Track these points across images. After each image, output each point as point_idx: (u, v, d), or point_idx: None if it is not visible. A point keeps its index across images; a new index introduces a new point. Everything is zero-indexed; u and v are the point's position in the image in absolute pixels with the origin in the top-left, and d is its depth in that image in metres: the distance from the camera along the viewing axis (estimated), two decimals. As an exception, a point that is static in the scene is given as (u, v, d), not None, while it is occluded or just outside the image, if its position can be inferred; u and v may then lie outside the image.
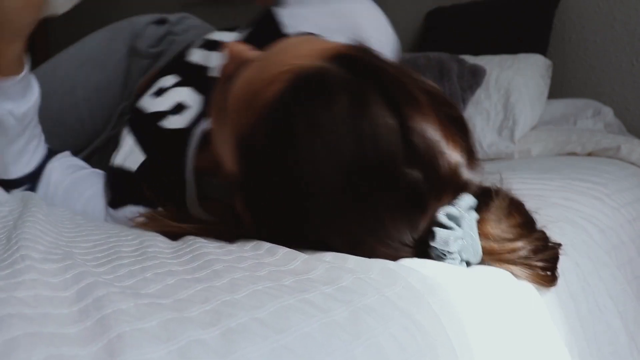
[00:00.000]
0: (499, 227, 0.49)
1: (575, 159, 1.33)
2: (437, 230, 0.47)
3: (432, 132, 0.47)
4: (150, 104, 0.84)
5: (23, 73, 0.74)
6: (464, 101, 1.56)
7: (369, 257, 0.48)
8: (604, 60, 1.78)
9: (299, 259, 0.46)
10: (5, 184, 0.81)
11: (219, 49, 0.87)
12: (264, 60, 0.55)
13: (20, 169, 0.81)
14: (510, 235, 0.49)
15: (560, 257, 0.51)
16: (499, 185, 0.52)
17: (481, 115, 1.55)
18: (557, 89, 1.81)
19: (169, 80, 0.86)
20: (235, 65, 0.58)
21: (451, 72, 1.59)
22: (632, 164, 1.32)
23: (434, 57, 1.65)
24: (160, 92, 0.84)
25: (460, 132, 0.50)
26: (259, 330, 0.33)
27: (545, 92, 1.63)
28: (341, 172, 0.46)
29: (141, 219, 0.61)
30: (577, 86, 1.84)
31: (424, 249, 0.49)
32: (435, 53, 1.68)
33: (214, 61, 0.85)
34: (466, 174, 0.49)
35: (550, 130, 1.55)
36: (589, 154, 1.39)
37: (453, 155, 0.48)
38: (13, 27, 0.69)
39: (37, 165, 0.82)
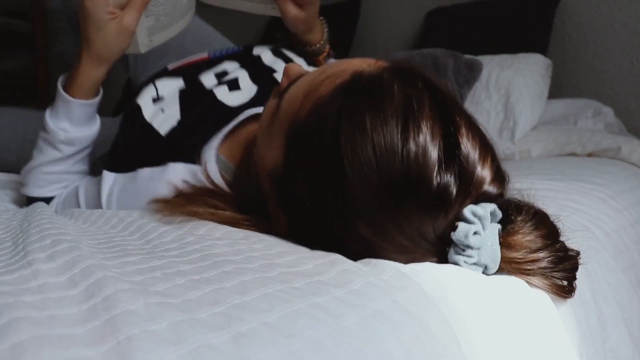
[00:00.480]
0: (524, 239, 0.49)
1: (576, 160, 1.32)
2: (460, 224, 0.48)
3: (473, 144, 0.50)
4: (211, 80, 0.86)
5: (93, 100, 0.79)
6: (462, 97, 1.54)
7: (387, 250, 0.49)
8: (604, 60, 1.78)
9: (310, 260, 0.45)
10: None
11: (284, 57, 0.92)
12: (324, 66, 0.59)
13: (37, 192, 0.83)
14: (534, 246, 0.49)
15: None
16: (522, 198, 0.54)
17: (481, 115, 1.54)
18: (557, 89, 1.81)
19: (232, 65, 0.89)
20: (290, 81, 0.61)
21: (447, 67, 1.57)
22: (633, 164, 1.31)
23: (428, 53, 1.63)
24: (224, 74, 0.87)
25: (490, 153, 0.53)
26: (269, 335, 0.33)
27: (545, 92, 1.63)
28: (379, 169, 0.48)
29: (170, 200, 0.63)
30: (577, 86, 1.84)
31: (442, 249, 0.49)
32: (429, 49, 1.67)
33: (276, 66, 0.89)
34: (492, 189, 0.51)
35: (550, 130, 1.54)
36: (590, 155, 1.38)
37: (484, 171, 0.50)
38: (106, 52, 0.76)
39: (51, 196, 0.84)
